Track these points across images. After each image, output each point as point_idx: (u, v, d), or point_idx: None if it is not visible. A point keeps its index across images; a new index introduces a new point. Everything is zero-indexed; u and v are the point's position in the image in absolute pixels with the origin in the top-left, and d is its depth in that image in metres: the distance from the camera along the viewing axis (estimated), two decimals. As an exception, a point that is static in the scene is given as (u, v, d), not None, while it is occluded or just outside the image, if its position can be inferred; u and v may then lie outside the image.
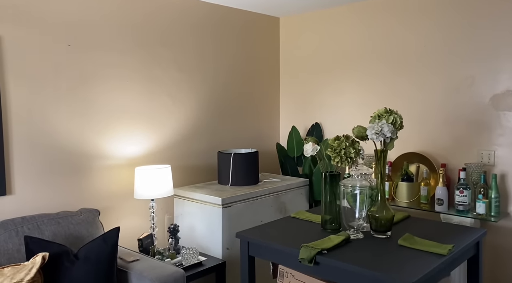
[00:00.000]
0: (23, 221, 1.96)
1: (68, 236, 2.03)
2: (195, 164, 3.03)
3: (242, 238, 1.84)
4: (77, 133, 2.35)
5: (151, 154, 2.74)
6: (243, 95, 3.38)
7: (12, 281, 1.57)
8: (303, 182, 3.08)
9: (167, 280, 1.85)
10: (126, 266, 1.98)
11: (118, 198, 2.55)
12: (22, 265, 1.64)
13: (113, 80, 2.51)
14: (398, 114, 1.73)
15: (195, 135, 3.02)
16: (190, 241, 2.71)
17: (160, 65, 2.76)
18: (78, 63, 2.34)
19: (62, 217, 2.08)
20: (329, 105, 3.38)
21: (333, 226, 1.84)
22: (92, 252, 1.82)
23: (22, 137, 2.13)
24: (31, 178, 2.17)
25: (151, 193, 2.43)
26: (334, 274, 1.52)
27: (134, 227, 2.64)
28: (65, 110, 2.30)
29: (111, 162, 2.52)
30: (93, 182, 2.43)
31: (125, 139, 2.58)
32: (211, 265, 2.41)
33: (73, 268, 1.76)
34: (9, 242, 1.85)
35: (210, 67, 3.10)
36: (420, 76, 2.88)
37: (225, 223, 2.54)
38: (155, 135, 2.76)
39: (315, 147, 1.84)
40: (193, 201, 2.68)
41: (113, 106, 2.52)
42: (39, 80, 2.19)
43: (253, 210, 2.71)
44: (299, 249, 1.59)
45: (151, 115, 2.73)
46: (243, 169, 2.85)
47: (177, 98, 2.89)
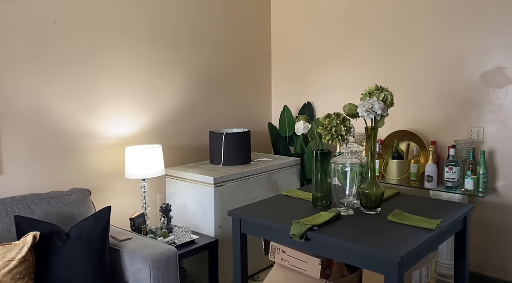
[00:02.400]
0: (13, 201, 1.94)
1: (59, 216, 2.02)
2: (187, 144, 3.02)
3: (234, 216, 1.85)
4: (67, 113, 2.32)
5: (142, 133, 2.72)
6: (235, 75, 3.34)
7: (3, 260, 1.57)
8: (294, 161, 3.09)
9: (160, 257, 1.86)
10: (119, 244, 1.99)
11: (109, 178, 2.54)
12: (13, 244, 1.64)
13: (102, 59, 2.46)
14: (389, 91, 1.73)
15: (186, 115, 2.99)
16: (183, 221, 2.73)
17: (149, 44, 2.71)
18: (66, 42, 2.29)
19: (52, 197, 2.07)
20: (321, 84, 3.36)
21: (324, 203, 1.86)
22: (84, 231, 1.82)
23: (10, 116, 2.09)
24: (20, 158, 2.14)
25: (142, 173, 2.42)
26: (325, 250, 1.54)
27: (126, 207, 2.64)
28: (54, 90, 2.26)
29: (102, 142, 2.49)
30: (83, 162, 2.41)
31: (116, 119, 2.55)
32: (204, 243, 2.43)
33: (64, 247, 1.77)
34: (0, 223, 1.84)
35: (201, 47, 3.04)
36: (411, 53, 2.87)
37: (217, 202, 2.55)
38: (145, 115, 2.73)
39: (306, 125, 1.84)
40: (184, 181, 2.68)
41: (103, 85, 2.48)
42: (27, 58, 2.14)
43: (245, 189, 2.72)
44: (290, 225, 1.61)
45: (141, 95, 2.69)
46: (234, 149, 2.84)
47: (168, 78, 2.85)
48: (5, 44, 2.07)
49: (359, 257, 1.44)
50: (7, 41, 2.07)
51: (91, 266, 1.78)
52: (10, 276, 1.57)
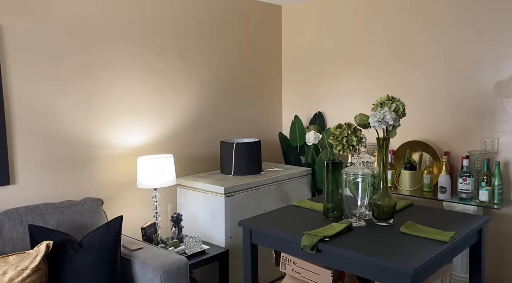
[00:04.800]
0: (27, 210, 1.97)
1: (72, 225, 2.04)
2: (198, 154, 3.03)
3: (245, 226, 1.84)
4: (80, 123, 2.36)
5: (154, 143, 2.74)
6: (246, 85, 3.36)
7: (17, 269, 1.59)
8: (305, 171, 3.08)
9: (170, 267, 1.87)
10: (130, 254, 2.00)
11: (121, 188, 2.56)
12: (27, 253, 1.66)
13: (115, 70, 2.50)
14: (400, 101, 1.72)
15: (197, 125, 3.01)
16: (193, 230, 2.73)
17: (161, 55, 2.75)
18: (80, 53, 2.34)
19: (65, 206, 2.09)
20: (332, 94, 3.36)
21: (335, 214, 1.84)
22: (96, 241, 1.84)
23: (24, 127, 2.14)
24: (34, 168, 2.18)
25: (154, 183, 2.43)
26: (336, 261, 1.52)
27: (137, 216, 2.66)
28: (67, 100, 2.30)
29: (114, 152, 2.52)
30: (96, 172, 2.44)
31: (128, 129, 2.59)
32: (214, 253, 2.42)
33: (77, 256, 1.78)
34: (14, 231, 1.87)
35: (212, 57, 3.08)
36: (424, 63, 2.86)
37: (228, 212, 2.55)
38: (157, 125, 2.76)
39: (317, 135, 1.83)
40: (195, 190, 2.69)
41: (115, 95, 2.52)
42: (41, 70, 2.19)
43: (255, 199, 2.72)
44: (301, 237, 1.60)
45: (154, 105, 2.73)
46: (245, 159, 2.85)
47: (179, 88, 2.88)
48: (22, 56, 2.12)
49: (371, 269, 1.42)
50: (24, 54, 2.13)
51: (103, 275, 1.79)
52: (23, 285, 1.59)
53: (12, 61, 2.08)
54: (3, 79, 2.05)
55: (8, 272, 1.58)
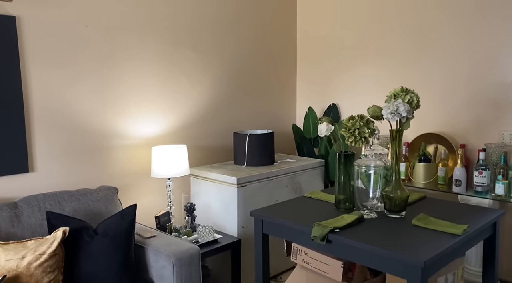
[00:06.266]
0: (45, 198, 2.03)
1: (88, 213, 2.09)
2: (211, 145, 3.06)
3: (256, 216, 1.86)
4: (96, 113, 2.40)
5: (168, 134, 2.77)
6: (260, 76, 3.35)
7: (35, 253, 1.65)
8: (318, 163, 3.07)
9: (183, 255, 1.90)
10: (143, 242, 2.04)
11: (136, 177, 2.61)
12: (44, 239, 1.71)
13: (130, 60, 2.53)
14: (414, 93, 1.69)
15: (211, 116, 3.03)
16: (206, 220, 2.76)
17: (176, 46, 2.76)
18: (96, 44, 2.37)
19: (82, 194, 2.15)
20: (347, 86, 3.33)
21: (347, 206, 1.84)
22: (111, 228, 1.88)
23: (43, 116, 2.19)
24: (52, 156, 2.24)
25: (168, 172, 2.47)
26: (346, 253, 1.53)
27: (151, 205, 2.70)
28: (84, 90, 2.34)
29: (129, 142, 2.56)
30: (111, 161, 2.48)
31: (142, 119, 2.62)
32: (227, 242, 2.45)
33: (92, 243, 1.83)
34: (32, 217, 1.93)
35: (226, 48, 3.08)
36: (441, 54, 2.80)
37: (241, 202, 2.57)
38: (171, 115, 2.78)
39: (329, 127, 1.83)
40: (209, 181, 2.72)
41: (130, 86, 2.55)
42: (58, 60, 2.23)
43: (268, 190, 2.73)
44: (311, 227, 1.60)
45: (168, 96, 2.75)
46: (258, 150, 2.86)
47: (194, 79, 2.90)
48: (39, 47, 2.16)
49: (381, 261, 1.42)
50: (42, 44, 2.17)
51: (117, 262, 1.84)
52: (41, 269, 1.64)
53: (30, 52, 2.12)
54: (22, 70, 2.10)
55: (26, 256, 1.63)
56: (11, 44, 2.05)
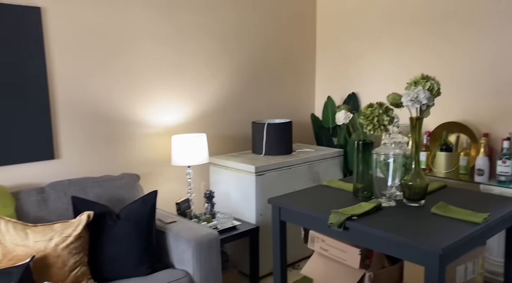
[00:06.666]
0: (70, 183, 2.10)
1: (111, 198, 2.16)
2: (230, 134, 3.08)
3: (274, 203, 1.88)
4: (118, 102, 2.46)
5: (188, 123, 2.81)
6: (278, 66, 3.35)
7: (62, 235, 1.72)
8: (337, 152, 3.06)
9: (202, 240, 1.94)
10: (164, 227, 2.09)
11: (157, 164, 2.67)
12: (70, 222, 1.78)
13: (151, 50, 2.57)
14: (435, 80, 1.66)
15: (230, 105, 3.05)
16: (225, 207, 2.81)
17: (196, 36, 2.78)
18: (118, 33, 2.41)
19: (105, 181, 2.21)
20: (367, 75, 3.29)
21: (365, 194, 1.83)
22: (133, 213, 1.94)
23: (67, 105, 2.26)
24: (76, 144, 2.31)
25: (188, 160, 2.51)
26: (364, 240, 1.53)
27: (171, 192, 2.76)
28: (107, 79, 2.40)
29: (150, 130, 2.62)
30: (133, 149, 2.54)
31: (163, 108, 2.67)
32: (245, 229, 2.49)
33: (115, 227, 1.89)
34: (58, 202, 2.00)
35: (245, 38, 3.08)
36: (465, 42, 2.73)
37: (259, 191, 2.60)
38: (192, 105, 2.82)
39: (347, 115, 1.82)
40: (227, 169, 2.75)
41: (151, 76, 2.59)
42: (81, 50, 2.29)
43: (286, 178, 2.74)
44: (329, 215, 1.61)
45: (188, 85, 2.79)
46: (276, 139, 2.87)
47: (214, 69, 2.92)
48: (63, 36, 2.22)
49: (399, 248, 1.42)
50: (65, 34, 2.23)
51: (139, 245, 1.89)
52: (67, 250, 1.71)
53: (54, 42, 2.18)
54: (46, 59, 2.16)
55: (53, 238, 1.70)
56: (36, 34, 2.11)
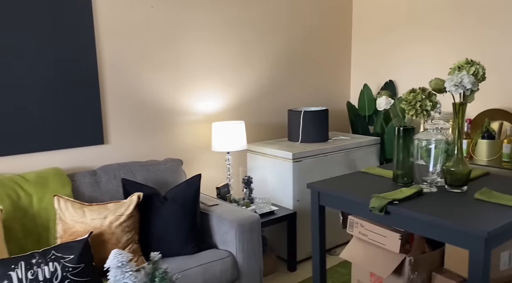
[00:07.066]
0: (119, 167, 2.23)
1: (156, 181, 2.27)
2: (266, 122, 3.14)
3: (313, 188, 1.92)
4: (161, 90, 2.56)
5: (226, 111, 2.89)
6: (314, 54, 3.36)
7: (115, 214, 1.84)
8: (374, 140, 3.06)
9: (245, 222, 2.02)
10: (207, 209, 2.19)
11: (197, 151, 2.76)
12: (122, 202, 1.90)
13: (193, 40, 2.65)
14: (480, 65, 1.64)
15: (266, 93, 3.10)
16: (262, 193, 2.88)
17: (234, 25, 2.84)
18: (162, 24, 2.51)
19: (150, 165, 2.33)
20: (404, 62, 3.24)
21: (405, 180, 1.84)
22: (178, 195, 2.04)
23: (115, 93, 2.38)
24: (123, 130, 2.43)
25: (227, 147, 2.59)
26: (405, 224, 1.55)
27: (211, 177, 2.86)
28: (151, 69, 2.50)
29: (191, 118, 2.71)
30: (175, 135, 2.65)
31: (204, 97, 2.75)
32: (283, 214, 2.55)
33: (162, 208, 2.00)
34: (109, 184, 2.13)
35: (281, 25, 3.11)
36: (508, 27, 2.64)
37: (296, 177, 2.65)
38: (230, 93, 2.89)
39: (388, 100, 1.83)
40: (265, 156, 2.81)
41: (193, 66, 2.68)
42: (128, 40, 2.39)
43: (322, 165, 2.78)
44: (369, 199, 1.64)
45: (228, 74, 2.86)
46: (312, 127, 2.90)
47: (251, 57, 2.97)
48: (112, 27, 2.33)
49: (442, 231, 1.43)
50: (114, 25, 2.34)
51: (185, 225, 2.00)
52: (121, 228, 1.84)
53: (103, 32, 2.30)
54: (97, 49, 2.28)
55: (108, 216, 1.83)
56: (87, 22, 2.22)
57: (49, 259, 1.56)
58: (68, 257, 1.60)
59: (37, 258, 1.55)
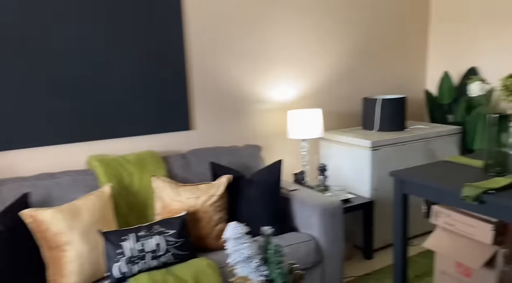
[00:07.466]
0: (206, 151, 2.37)
1: (239, 166, 2.39)
2: (338, 110, 3.14)
3: (397, 176, 1.91)
4: (240, 79, 2.66)
5: (300, 99, 2.93)
6: (389, 40, 3.28)
7: (207, 194, 1.98)
8: (454, 129, 2.94)
9: (327, 207, 2.07)
10: (288, 194, 2.26)
11: (273, 138, 2.85)
12: (212, 184, 2.03)
13: (271, 29, 2.72)
14: None
15: (339, 81, 3.10)
16: (336, 181, 2.90)
17: (311, 12, 2.86)
18: (242, 16, 2.60)
19: (233, 150, 2.45)
20: (489, 47, 3.06)
21: (498, 170, 1.77)
22: (262, 179, 2.14)
23: (199, 80, 2.52)
24: (207, 117, 2.58)
25: (303, 134, 2.64)
26: (503, 214, 1.51)
27: (286, 164, 2.93)
28: (230, 58, 2.61)
29: (267, 106, 2.79)
30: (254, 123, 2.75)
31: (278, 85, 2.82)
32: (359, 202, 2.56)
33: (248, 190, 2.11)
34: (198, 167, 2.28)
35: (357, 11, 3.07)
36: None
37: (373, 165, 2.63)
38: (303, 82, 2.93)
39: (483, 86, 1.76)
40: (340, 144, 2.83)
41: (271, 55, 2.75)
42: (212, 31, 2.52)
43: (400, 154, 2.73)
44: (459, 188, 1.60)
45: (302, 62, 2.89)
46: (390, 115, 2.85)
47: (326, 44, 2.98)
48: (198, 20, 2.46)
49: (546, 222, 1.38)
50: (200, 18, 2.47)
51: (268, 208, 2.09)
52: (213, 207, 1.97)
53: (191, 25, 2.44)
54: (185, 41, 2.43)
55: (201, 196, 1.97)
56: (176, 16, 2.37)
57: (154, 233, 1.73)
58: (170, 232, 1.76)
59: (144, 231, 1.72)
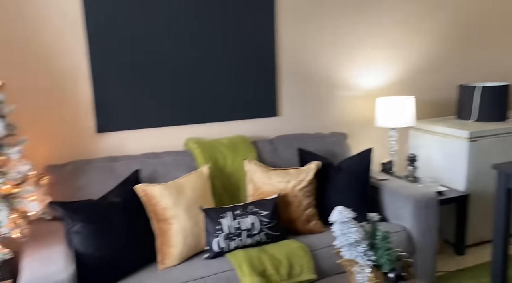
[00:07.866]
0: (292, 137, 2.40)
1: (325, 153, 2.38)
2: (429, 98, 2.96)
3: (500, 169, 1.78)
4: (326, 66, 2.63)
5: (388, 86, 2.81)
6: (491, 23, 3.00)
7: (297, 179, 2.01)
8: None
9: (421, 199, 1.99)
10: (377, 183, 2.21)
11: (358, 125, 2.78)
12: (301, 169, 2.06)
13: (362, 16, 2.64)
14: None
15: (431, 68, 2.92)
16: (426, 172, 2.76)
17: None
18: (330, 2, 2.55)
19: (318, 137, 2.44)
20: None
21: None
22: (351, 167, 2.11)
23: (287, 70, 2.54)
24: (293, 103, 2.59)
25: (393, 122, 2.54)
26: None
27: (372, 153, 2.85)
28: (319, 47, 2.58)
29: (354, 93, 2.73)
30: (339, 109, 2.71)
31: (366, 71, 2.73)
32: (452, 196, 2.42)
33: (337, 177, 2.10)
34: (285, 152, 2.32)
35: (456, -8, 2.86)
36: None
37: (471, 157, 2.46)
38: (395, 69, 2.80)
39: None
40: (432, 134, 2.68)
41: (358, 41, 2.67)
42: (300, 19, 2.51)
43: (502, 146, 2.52)
44: None
45: (392, 50, 2.77)
46: (490, 104, 2.64)
47: (420, 30, 2.82)
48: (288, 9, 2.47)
49: None
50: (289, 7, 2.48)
51: (357, 196, 2.07)
52: (302, 192, 2.00)
53: (281, 11, 2.45)
54: (275, 25, 2.45)
55: (291, 181, 2.01)
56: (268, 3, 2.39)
57: (249, 212, 1.81)
58: (263, 213, 1.82)
59: (240, 210, 1.81)
